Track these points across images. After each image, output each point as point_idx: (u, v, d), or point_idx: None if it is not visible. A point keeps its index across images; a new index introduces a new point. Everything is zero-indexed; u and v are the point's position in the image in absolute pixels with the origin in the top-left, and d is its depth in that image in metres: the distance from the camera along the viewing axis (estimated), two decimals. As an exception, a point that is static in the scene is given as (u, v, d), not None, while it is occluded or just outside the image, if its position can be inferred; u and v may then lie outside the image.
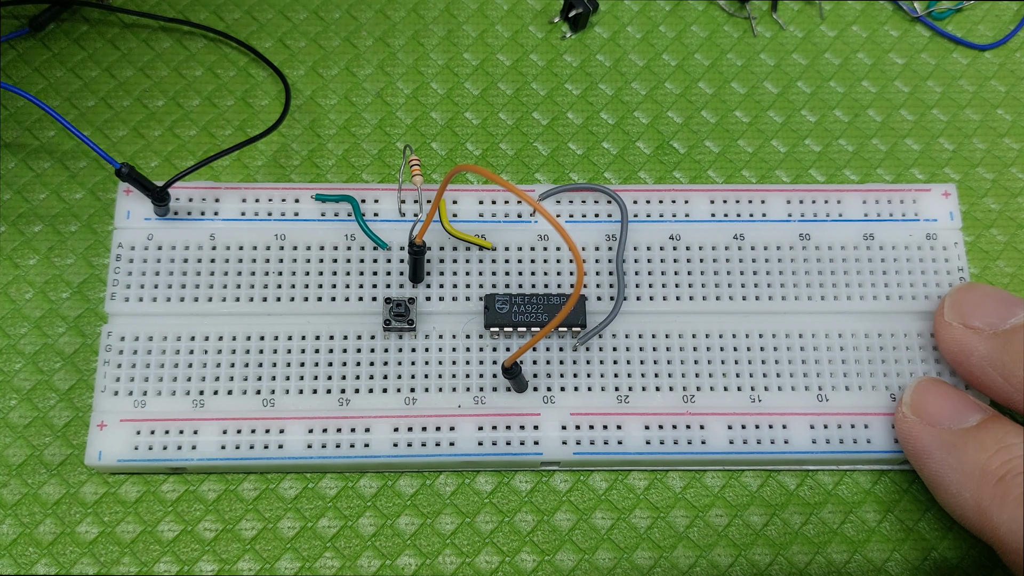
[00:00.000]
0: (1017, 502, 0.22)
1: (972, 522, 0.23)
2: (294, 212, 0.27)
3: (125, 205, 0.27)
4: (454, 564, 0.25)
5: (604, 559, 0.25)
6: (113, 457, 0.25)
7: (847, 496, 0.26)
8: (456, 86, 0.31)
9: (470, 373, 0.26)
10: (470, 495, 0.26)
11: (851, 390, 0.26)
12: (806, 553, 0.25)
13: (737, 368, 0.26)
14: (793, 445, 0.25)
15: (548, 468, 0.26)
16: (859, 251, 0.27)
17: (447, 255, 0.27)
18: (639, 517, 0.26)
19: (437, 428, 0.25)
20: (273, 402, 0.25)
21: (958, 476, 0.23)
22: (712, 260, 0.27)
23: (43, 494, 0.25)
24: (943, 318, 0.25)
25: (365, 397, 0.25)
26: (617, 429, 0.25)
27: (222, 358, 0.26)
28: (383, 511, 0.26)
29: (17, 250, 0.28)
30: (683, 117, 0.30)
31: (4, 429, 0.26)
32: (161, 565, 0.25)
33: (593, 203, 0.28)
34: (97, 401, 0.25)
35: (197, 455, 0.25)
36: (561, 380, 0.26)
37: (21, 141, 0.29)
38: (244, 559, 0.25)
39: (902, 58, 0.32)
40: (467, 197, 0.28)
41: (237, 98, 0.30)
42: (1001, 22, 0.32)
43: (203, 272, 0.26)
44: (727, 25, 0.32)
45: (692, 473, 0.26)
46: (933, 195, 0.28)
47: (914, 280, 0.27)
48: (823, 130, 0.30)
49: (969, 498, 0.23)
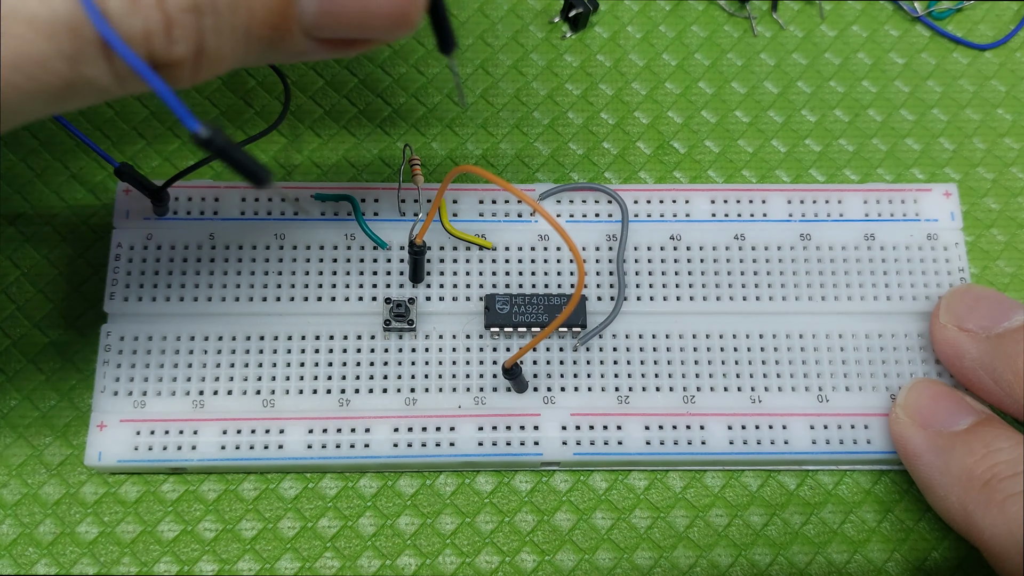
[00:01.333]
0: (1002, 507, 0.22)
1: (959, 525, 0.23)
2: (294, 212, 0.27)
3: (124, 205, 0.27)
4: (454, 564, 0.25)
5: (604, 559, 0.25)
6: (113, 457, 0.25)
7: (847, 496, 0.26)
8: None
9: (470, 373, 0.26)
10: (470, 495, 0.26)
11: (851, 391, 0.26)
12: (806, 553, 0.25)
13: (737, 368, 0.26)
14: (793, 445, 0.25)
15: (548, 468, 0.26)
16: (860, 251, 0.27)
17: (447, 255, 0.27)
18: (639, 517, 0.26)
19: (437, 428, 0.25)
20: (273, 402, 0.25)
21: (946, 479, 0.23)
22: (712, 260, 0.27)
23: (43, 494, 0.25)
24: (938, 319, 0.25)
25: (365, 397, 0.25)
26: (617, 429, 0.25)
27: (222, 358, 0.26)
28: (383, 511, 0.26)
29: (17, 250, 0.28)
30: (683, 117, 0.30)
31: (4, 429, 0.26)
32: (161, 565, 0.25)
33: (594, 203, 0.28)
34: (97, 401, 0.25)
35: (197, 455, 0.25)
36: (561, 380, 0.26)
37: (21, 141, 0.29)
38: (244, 559, 0.25)
39: (902, 58, 0.31)
40: (467, 197, 0.28)
41: (237, 98, 0.30)
42: (1001, 22, 0.32)
43: (203, 272, 0.26)
44: (727, 25, 0.32)
45: (692, 473, 0.26)
46: (934, 195, 0.28)
47: (915, 280, 0.27)
48: (823, 130, 0.30)
49: (955, 502, 0.23)
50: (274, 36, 0.16)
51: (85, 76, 0.14)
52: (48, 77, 0.14)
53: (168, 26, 0.14)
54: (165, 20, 0.14)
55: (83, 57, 0.14)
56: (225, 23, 0.15)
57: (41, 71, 0.14)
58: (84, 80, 0.14)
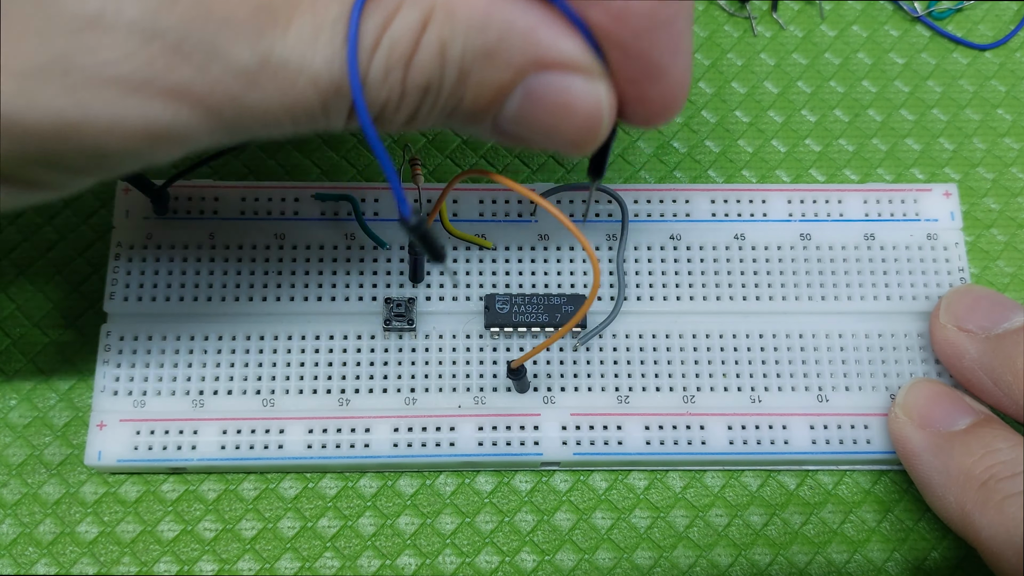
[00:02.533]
0: (999, 507, 0.22)
1: (956, 525, 0.23)
2: (294, 212, 0.27)
3: (124, 204, 0.27)
4: (454, 564, 0.25)
5: (604, 559, 0.25)
6: (113, 457, 0.25)
7: (847, 496, 0.26)
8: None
9: (470, 373, 0.26)
10: (470, 495, 0.26)
11: (851, 390, 0.26)
12: (806, 553, 0.25)
13: (737, 368, 0.26)
14: (793, 445, 0.25)
15: (548, 468, 0.26)
16: (860, 251, 0.27)
17: (447, 255, 0.27)
18: (639, 517, 0.26)
19: (437, 428, 0.25)
20: (273, 402, 0.25)
21: (943, 479, 0.23)
22: (712, 260, 0.27)
23: (43, 494, 0.25)
24: (938, 319, 0.25)
25: (365, 397, 0.25)
26: (617, 429, 0.25)
27: (222, 358, 0.26)
28: (383, 511, 0.26)
29: (17, 250, 0.28)
30: (683, 117, 0.30)
31: (4, 429, 0.26)
32: (161, 565, 0.25)
33: (594, 203, 0.28)
34: (97, 401, 0.25)
35: (197, 455, 0.25)
36: (561, 380, 0.26)
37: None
38: (244, 559, 0.25)
39: (902, 58, 0.31)
40: (467, 197, 0.28)
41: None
42: (1001, 22, 0.32)
43: (203, 272, 0.26)
44: (727, 25, 0.32)
45: (692, 473, 0.26)
46: (934, 195, 0.28)
47: (915, 280, 0.27)
48: (823, 130, 0.30)
49: (953, 502, 0.23)
50: (470, 119, 0.18)
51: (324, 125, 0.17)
52: (307, 122, 0.17)
53: (401, 98, 0.17)
54: (401, 94, 0.16)
55: (333, 111, 0.16)
56: (440, 104, 0.17)
57: (305, 118, 0.16)
58: (321, 126, 0.17)
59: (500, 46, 0.16)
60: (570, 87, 0.17)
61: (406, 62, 0.16)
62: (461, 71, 0.16)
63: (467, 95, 0.17)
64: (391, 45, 0.16)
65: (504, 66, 0.17)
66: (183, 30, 0.15)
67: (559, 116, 0.17)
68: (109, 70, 0.15)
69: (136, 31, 0.14)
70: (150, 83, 0.15)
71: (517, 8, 0.16)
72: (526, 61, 0.17)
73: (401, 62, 0.16)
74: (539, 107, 0.17)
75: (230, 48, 0.15)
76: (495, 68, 0.17)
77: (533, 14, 0.16)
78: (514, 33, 0.16)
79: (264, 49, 0.15)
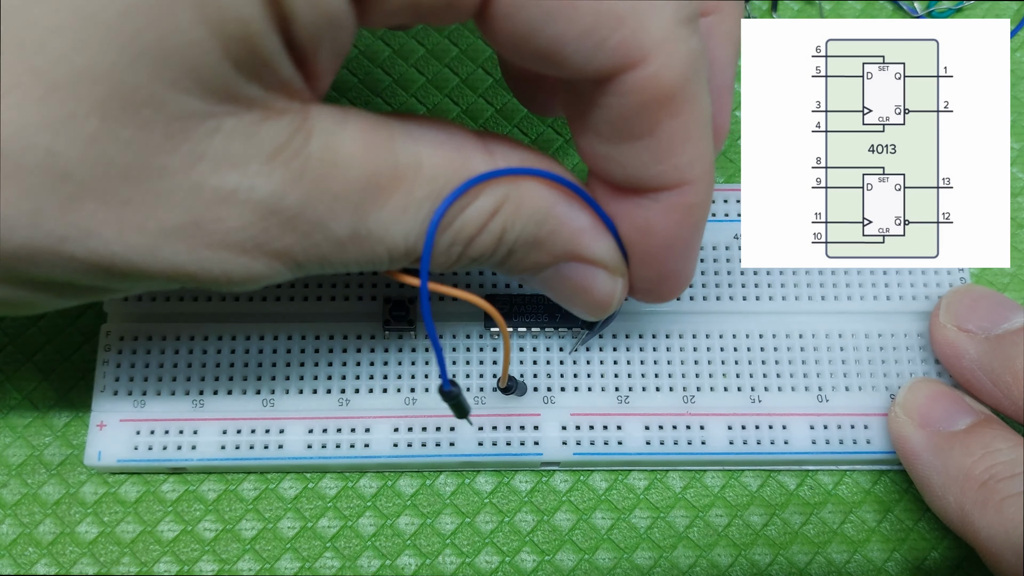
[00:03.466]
0: (999, 508, 0.22)
1: (956, 525, 0.23)
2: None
3: (125, 205, 0.27)
4: (454, 564, 0.25)
5: (604, 559, 0.25)
6: (113, 457, 0.25)
7: (847, 496, 0.26)
8: (457, 86, 0.31)
9: (470, 373, 0.26)
10: (470, 495, 0.26)
11: (851, 390, 0.26)
12: (806, 553, 0.25)
13: (737, 368, 0.26)
14: (793, 445, 0.25)
15: (548, 468, 0.26)
16: (859, 251, 0.27)
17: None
18: (639, 517, 0.26)
19: (437, 428, 0.25)
20: (273, 402, 0.25)
21: (943, 479, 0.23)
22: (712, 260, 0.27)
23: (43, 494, 0.25)
24: (938, 319, 0.25)
25: (365, 397, 0.25)
26: (617, 429, 0.25)
27: (222, 358, 0.26)
28: (383, 511, 0.26)
29: (17, 250, 0.28)
30: (683, 117, 0.30)
31: (4, 429, 0.26)
32: (161, 565, 0.25)
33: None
34: (97, 401, 0.25)
35: (197, 455, 0.25)
36: (561, 380, 0.26)
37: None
38: (244, 559, 0.25)
39: (902, 58, 0.31)
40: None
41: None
42: (1001, 22, 0.32)
43: (203, 272, 0.26)
44: (727, 25, 0.32)
45: (692, 473, 0.26)
46: (933, 195, 0.28)
47: (915, 280, 0.27)
48: (823, 130, 0.30)
49: (952, 502, 0.23)
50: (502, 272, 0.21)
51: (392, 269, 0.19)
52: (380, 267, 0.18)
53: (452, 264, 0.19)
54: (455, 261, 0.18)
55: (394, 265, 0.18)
56: (481, 265, 0.19)
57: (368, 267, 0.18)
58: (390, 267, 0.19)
59: (549, 238, 0.19)
60: (595, 278, 0.20)
61: (469, 242, 0.18)
62: (511, 251, 0.19)
63: (507, 264, 0.19)
64: (461, 227, 0.18)
65: (547, 254, 0.19)
66: (300, 206, 0.16)
67: (578, 295, 0.21)
68: (231, 237, 0.16)
69: (261, 207, 0.16)
70: (260, 247, 0.16)
71: (572, 210, 0.19)
72: (565, 253, 0.19)
73: (465, 241, 0.18)
74: (564, 284, 0.20)
75: (332, 221, 0.16)
76: (539, 253, 0.19)
77: (583, 218, 0.19)
78: (563, 230, 0.19)
79: (359, 221, 0.17)
